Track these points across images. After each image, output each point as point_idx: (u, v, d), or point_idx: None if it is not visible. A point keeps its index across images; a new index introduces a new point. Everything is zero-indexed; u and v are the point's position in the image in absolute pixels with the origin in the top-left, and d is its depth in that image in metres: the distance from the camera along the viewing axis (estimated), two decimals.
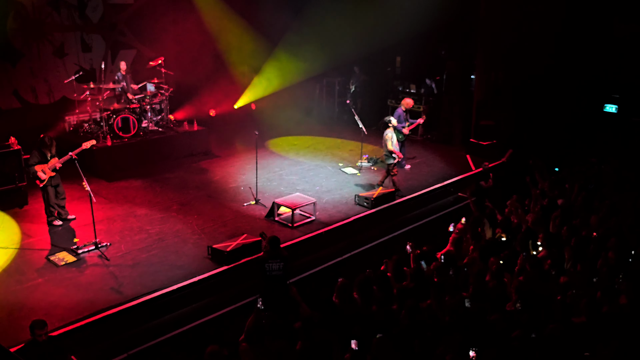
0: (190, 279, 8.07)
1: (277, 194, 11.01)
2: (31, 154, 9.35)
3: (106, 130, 12.40)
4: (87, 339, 6.90)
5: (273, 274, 7.01)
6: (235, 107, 16.01)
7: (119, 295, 7.64)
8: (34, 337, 5.47)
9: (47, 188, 9.38)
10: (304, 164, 13.34)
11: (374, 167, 13.19)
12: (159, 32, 14.64)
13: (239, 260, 8.54)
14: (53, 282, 7.94)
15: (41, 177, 9.26)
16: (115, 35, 14.66)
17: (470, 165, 13.70)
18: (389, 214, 10.92)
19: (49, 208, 9.55)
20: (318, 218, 10.26)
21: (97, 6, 14.18)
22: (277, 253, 7.08)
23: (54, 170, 9.36)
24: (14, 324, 6.92)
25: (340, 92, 17.85)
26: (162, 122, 13.72)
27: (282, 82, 16.48)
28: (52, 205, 9.54)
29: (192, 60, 15.24)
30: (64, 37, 13.70)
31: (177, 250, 8.92)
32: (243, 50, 16.15)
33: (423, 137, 15.87)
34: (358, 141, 13.49)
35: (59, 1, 13.43)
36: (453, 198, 12.15)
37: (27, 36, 13.09)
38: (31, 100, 13.39)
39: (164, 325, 7.40)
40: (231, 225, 9.89)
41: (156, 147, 12.99)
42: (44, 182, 9.30)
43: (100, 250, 8.72)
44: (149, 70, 13.83)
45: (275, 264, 7.01)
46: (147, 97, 13.37)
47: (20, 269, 8.24)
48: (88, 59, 14.14)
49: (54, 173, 9.37)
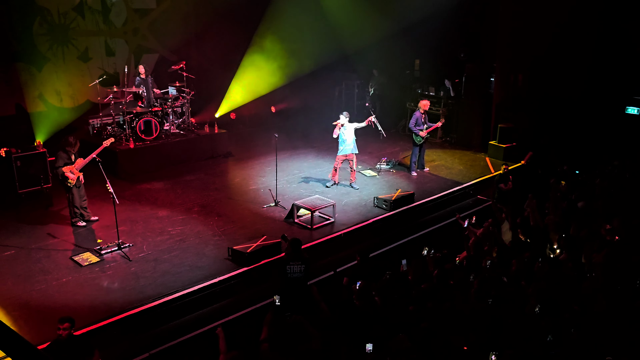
0: (210, 280, 8.18)
1: (297, 196, 11.09)
2: (57, 155, 9.49)
3: (129, 132, 12.62)
4: (110, 338, 7.03)
5: (294, 276, 7.05)
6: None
7: (141, 295, 7.78)
8: (60, 334, 5.55)
9: (72, 189, 9.54)
10: (323, 166, 13.40)
11: (393, 169, 13.22)
12: (180, 36, 14.85)
13: (259, 261, 8.63)
14: (77, 281, 8.11)
15: (70, 177, 9.40)
16: (138, 39, 14.92)
17: (490, 168, 13.65)
18: (408, 216, 10.94)
19: (74, 209, 9.72)
20: (337, 220, 10.32)
21: (121, 11, 14.45)
22: (298, 255, 7.14)
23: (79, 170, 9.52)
24: (39, 323, 7.08)
25: (359, 94, 17.90)
26: (184, 124, 13.91)
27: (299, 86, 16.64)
28: (77, 207, 9.70)
29: (213, 64, 15.41)
30: (88, 42, 13.99)
31: (198, 252, 9.04)
32: (264, 53, 16.29)
33: (442, 140, 15.85)
34: (377, 144, 13.51)
35: (84, 7, 13.71)
36: (472, 200, 12.12)
37: (53, 41, 13.39)
38: (56, 103, 13.68)
39: (184, 326, 7.51)
40: (251, 227, 10.00)
41: (178, 150, 13.17)
42: (74, 182, 9.43)
43: (122, 251, 8.88)
44: (171, 73, 14.03)
45: (296, 265, 7.06)
46: (169, 100, 13.57)
47: (46, 269, 8.42)
48: (112, 63, 14.40)
49: (80, 173, 9.53)
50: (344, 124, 11.46)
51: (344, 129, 11.48)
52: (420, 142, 12.74)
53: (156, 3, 14.97)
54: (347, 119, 11.50)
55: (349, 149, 11.58)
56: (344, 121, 11.46)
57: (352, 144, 11.60)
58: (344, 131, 11.50)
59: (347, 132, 11.50)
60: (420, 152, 13.00)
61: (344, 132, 11.52)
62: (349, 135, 11.52)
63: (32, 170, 10.71)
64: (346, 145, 11.57)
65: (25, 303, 7.53)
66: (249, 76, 15.67)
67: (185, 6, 15.04)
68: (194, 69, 14.16)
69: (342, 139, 11.56)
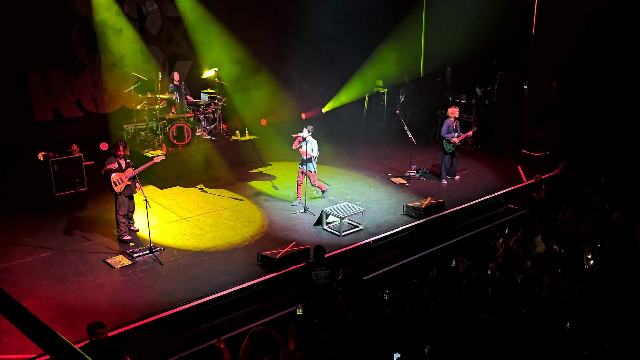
0: (240, 285, 8.25)
1: (326, 203, 11.11)
2: (108, 160, 9.33)
3: (162, 138, 12.84)
4: (140, 340, 7.14)
5: (319, 282, 7.07)
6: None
7: (171, 298, 7.89)
8: (92, 337, 5.62)
9: (118, 197, 9.33)
10: (352, 173, 13.41)
11: (423, 177, 13.13)
12: (213, 44, 15.05)
13: (287, 267, 8.67)
14: (109, 284, 8.27)
15: (118, 183, 9.23)
16: (172, 47, 15.19)
17: (522, 177, 13.44)
18: (438, 224, 10.85)
19: (118, 217, 9.45)
20: (366, 227, 10.30)
21: (156, 19, 14.76)
22: (323, 261, 7.16)
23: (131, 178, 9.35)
24: (72, 323, 7.24)
25: (389, 101, 17.87)
26: (215, 131, 14.08)
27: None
28: (121, 215, 9.43)
29: (245, 71, 15.57)
30: (124, 49, 14.28)
31: (227, 257, 9.13)
32: (294, 61, 16.42)
33: (473, 148, 15.68)
34: (407, 151, 13.45)
35: (121, 15, 14.02)
36: (503, 210, 11.95)
37: (90, 48, 13.73)
38: (92, 109, 14.01)
39: (214, 330, 7.57)
40: (280, 233, 10.05)
41: (209, 156, 13.32)
42: (120, 190, 9.27)
43: (154, 255, 9.03)
44: (204, 80, 14.23)
45: (321, 271, 7.08)
46: (201, 106, 13.77)
47: (80, 270, 8.62)
48: (147, 70, 14.68)
49: (129, 182, 9.37)
50: (306, 138, 10.81)
51: (304, 143, 10.84)
52: (450, 150, 12.63)
53: (190, 10, 15.22)
54: (310, 133, 10.84)
55: (305, 164, 10.93)
56: (305, 135, 10.80)
57: (309, 160, 10.92)
58: (304, 145, 10.86)
59: (307, 146, 10.83)
60: (452, 160, 12.89)
61: (304, 146, 10.88)
62: (305, 150, 10.85)
63: (68, 174, 10.97)
64: (303, 160, 10.95)
65: (59, 304, 7.72)
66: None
67: (218, 14, 15.24)
68: (225, 76, 14.33)
69: (302, 152, 10.96)
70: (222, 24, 15.26)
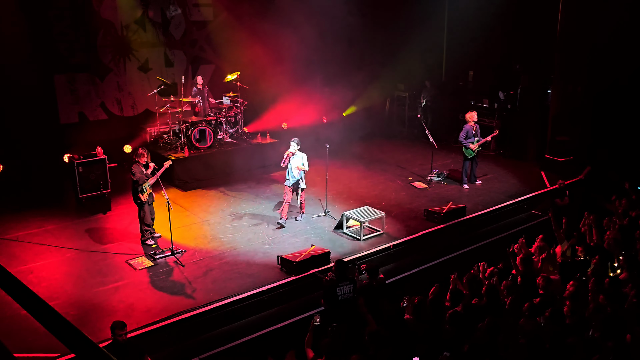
0: (260, 287, 8.29)
1: (346, 207, 11.10)
2: (134, 169, 9.25)
3: (184, 141, 12.96)
4: (161, 341, 7.21)
5: (345, 297, 6.95)
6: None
7: (192, 300, 7.96)
8: (114, 337, 5.69)
9: (144, 206, 9.44)
10: (373, 177, 13.38)
11: (444, 182, 13.05)
12: (235, 48, 15.16)
13: (307, 270, 8.69)
14: (132, 284, 8.37)
15: (145, 191, 9.30)
16: (195, 51, 15.35)
17: (545, 182, 13.27)
18: (459, 229, 10.77)
19: (144, 227, 9.58)
20: (386, 232, 10.26)
21: (180, 23, 14.92)
22: (345, 276, 7.10)
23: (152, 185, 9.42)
24: (95, 323, 7.34)
25: (410, 105, 17.80)
26: (237, 134, 14.17)
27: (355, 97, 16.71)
28: (147, 224, 9.58)
29: (267, 75, 15.64)
30: (148, 53, 14.49)
31: (248, 259, 9.18)
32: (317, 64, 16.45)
33: (495, 152, 15.53)
34: (428, 155, 13.39)
35: (145, 19, 14.23)
36: (526, 215, 11.81)
37: (115, 52, 13.94)
38: (116, 112, 14.21)
39: (233, 332, 7.63)
40: (300, 236, 10.07)
41: (230, 158, 13.40)
42: (146, 199, 9.35)
43: (175, 256, 9.11)
44: (226, 84, 14.34)
45: (345, 286, 6.98)
46: (223, 110, 13.87)
47: (103, 271, 8.74)
48: (170, 73, 14.85)
49: (151, 190, 9.47)
50: (295, 153, 10.27)
51: (292, 158, 10.29)
52: (471, 156, 12.54)
53: (213, 15, 15.36)
54: (299, 146, 10.30)
55: (294, 180, 10.37)
56: (294, 149, 10.27)
57: (300, 176, 10.39)
58: (292, 161, 10.29)
59: (295, 161, 10.26)
60: (472, 164, 12.79)
61: (293, 162, 10.29)
62: (295, 166, 10.26)
63: (92, 176, 11.14)
64: (292, 176, 10.35)
65: (83, 303, 7.84)
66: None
67: (240, 18, 15.35)
68: (247, 79, 14.43)
69: (290, 168, 10.35)
70: (245, 27, 15.36)
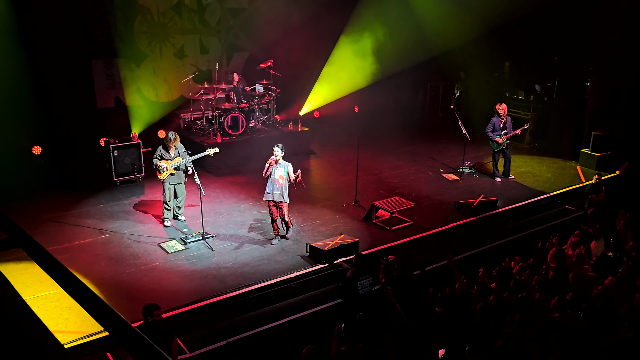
0: (288, 274, 8.36)
1: (376, 197, 11.08)
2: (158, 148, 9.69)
3: (217, 127, 13.10)
4: (190, 324, 7.35)
5: (365, 291, 6.97)
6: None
7: (221, 284, 8.08)
8: (148, 318, 5.81)
9: (164, 184, 9.67)
10: (404, 167, 13.31)
11: (476, 174, 12.90)
12: (269, 35, 15.20)
13: (336, 259, 8.72)
14: (163, 267, 8.54)
15: (163, 171, 9.52)
16: (230, 38, 15.44)
17: (580, 177, 13.00)
18: (490, 223, 10.64)
19: (164, 205, 9.83)
20: (416, 223, 10.22)
21: (215, 10, 15.03)
22: (365, 269, 7.11)
23: (177, 168, 9.57)
24: (127, 303, 7.51)
25: (444, 97, 17.60)
26: (269, 121, 14.25)
27: (387, 86, 16.56)
28: (166, 203, 9.80)
29: (300, 63, 15.66)
30: (184, 40, 14.65)
31: (277, 246, 9.25)
32: (350, 53, 16.35)
33: (530, 146, 15.26)
34: (460, 147, 13.24)
35: (181, 6, 14.37)
36: (559, 210, 11.59)
37: (152, 39, 14.13)
38: (152, 97, 14.43)
39: (261, 317, 7.71)
40: (329, 224, 10.10)
41: (262, 146, 13.44)
42: (163, 177, 9.57)
43: (206, 241, 9.25)
44: (259, 71, 14.41)
45: (366, 280, 6.99)
46: (256, 97, 13.95)
47: (135, 253, 8.93)
48: (205, 60, 14.99)
49: (174, 171, 9.58)
50: (279, 160, 8.91)
51: (276, 167, 8.90)
52: (498, 149, 12.35)
53: (248, 2, 15.42)
54: (283, 153, 8.97)
55: (277, 194, 8.95)
56: (278, 156, 8.87)
57: (282, 188, 8.95)
58: (275, 170, 8.91)
59: (278, 171, 8.91)
60: (505, 157, 12.59)
61: (276, 172, 8.91)
62: (279, 176, 8.93)
63: (127, 159, 11.37)
64: (274, 188, 8.95)
65: (115, 284, 8.04)
66: (334, 75, 15.80)
67: (275, 5, 15.37)
68: (280, 67, 14.47)
69: (272, 179, 8.94)
70: (279, 15, 15.37)
